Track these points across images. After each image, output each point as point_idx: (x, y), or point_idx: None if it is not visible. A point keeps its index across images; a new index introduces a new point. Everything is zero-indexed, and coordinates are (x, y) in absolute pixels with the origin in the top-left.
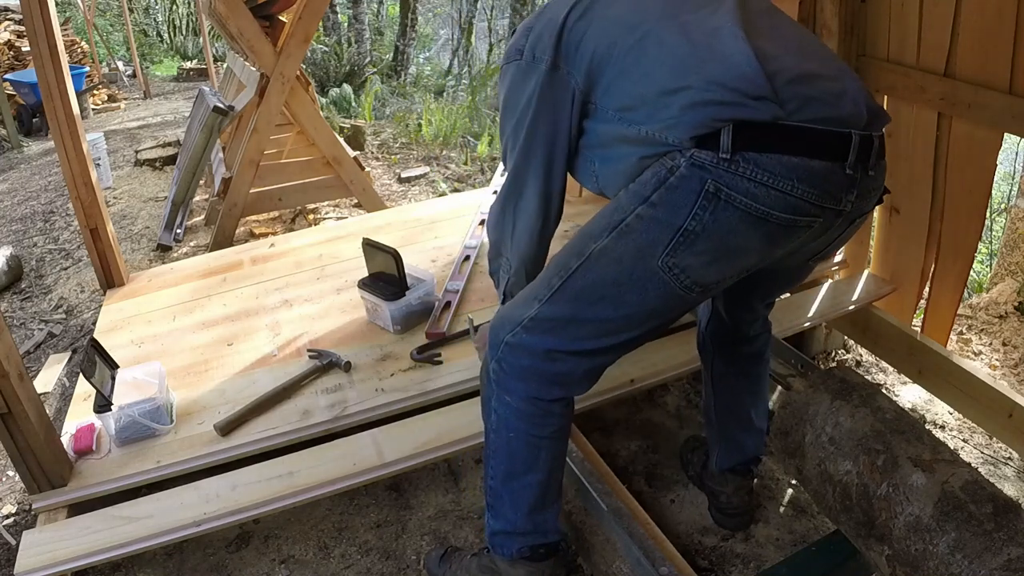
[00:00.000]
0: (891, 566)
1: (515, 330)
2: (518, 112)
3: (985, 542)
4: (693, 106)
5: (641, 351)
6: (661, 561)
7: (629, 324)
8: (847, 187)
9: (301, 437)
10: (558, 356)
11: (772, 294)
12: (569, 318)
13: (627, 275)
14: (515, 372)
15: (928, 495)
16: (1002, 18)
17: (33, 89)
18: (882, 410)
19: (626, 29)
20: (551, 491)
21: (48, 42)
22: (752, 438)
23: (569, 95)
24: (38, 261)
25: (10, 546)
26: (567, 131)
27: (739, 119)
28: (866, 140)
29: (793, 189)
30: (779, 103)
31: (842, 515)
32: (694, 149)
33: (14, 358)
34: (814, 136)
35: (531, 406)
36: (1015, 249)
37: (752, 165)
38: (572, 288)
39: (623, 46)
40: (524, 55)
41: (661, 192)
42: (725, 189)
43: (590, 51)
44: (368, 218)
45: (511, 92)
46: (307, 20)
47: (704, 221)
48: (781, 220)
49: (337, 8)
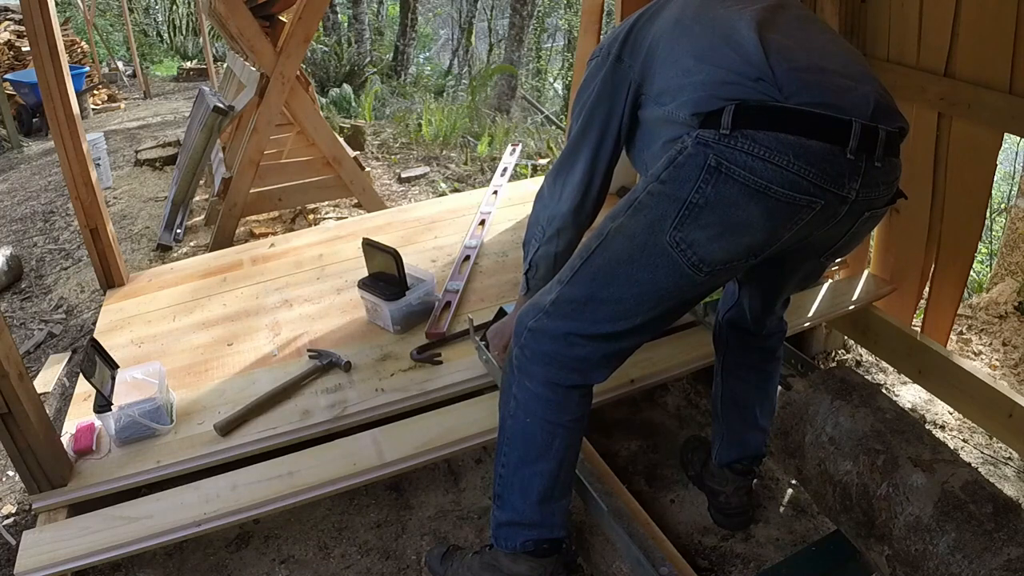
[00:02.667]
0: (891, 566)
1: (538, 316)
2: (584, 96)
3: (985, 542)
4: (703, 85)
5: (641, 351)
6: (661, 561)
7: (641, 305)
8: (849, 172)
9: (301, 437)
10: (576, 340)
11: (787, 291)
12: (586, 299)
13: (639, 251)
14: (536, 357)
15: (928, 495)
16: (1002, 18)
17: (33, 89)
18: (882, 410)
19: (671, 25)
20: (561, 483)
21: (48, 42)
22: (755, 436)
23: (626, 85)
24: (38, 261)
25: (10, 546)
26: (620, 116)
27: (738, 99)
28: (870, 130)
29: (790, 164)
30: (777, 86)
31: (842, 515)
32: (699, 129)
33: (14, 358)
34: (810, 118)
35: (550, 391)
36: (1015, 249)
37: (750, 140)
38: (590, 268)
39: (666, 40)
40: (601, 52)
41: (670, 170)
42: (725, 163)
43: (647, 47)
44: (368, 218)
45: (585, 80)
46: (307, 20)
47: (707, 194)
48: (780, 196)
49: (337, 8)
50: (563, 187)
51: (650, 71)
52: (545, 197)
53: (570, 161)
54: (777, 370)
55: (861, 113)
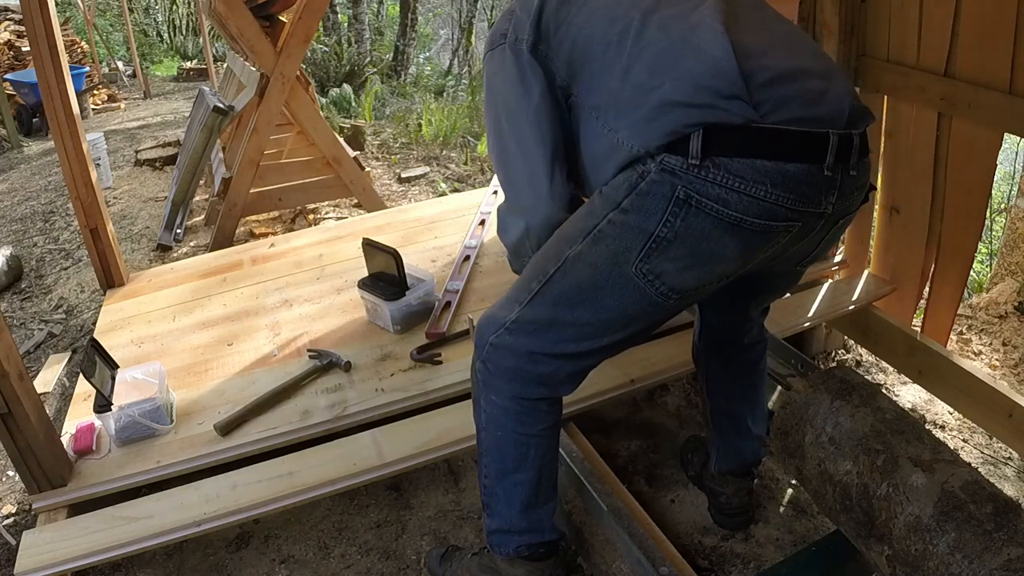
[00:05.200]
0: (891, 566)
1: (498, 331)
2: (497, 98)
3: (985, 542)
4: (663, 106)
5: (641, 351)
6: (661, 561)
7: (609, 328)
8: (826, 189)
9: (301, 437)
10: (540, 358)
11: (764, 300)
12: (549, 321)
13: (604, 280)
14: (500, 372)
15: (928, 495)
16: (1002, 18)
17: (33, 89)
18: (882, 410)
19: (608, 22)
20: (544, 488)
21: (48, 42)
22: (749, 444)
23: (550, 79)
24: (38, 261)
25: (10, 546)
26: (549, 108)
27: (710, 122)
28: (846, 139)
29: (767, 195)
30: (753, 104)
31: (842, 515)
32: (664, 154)
33: (14, 358)
34: (789, 138)
35: (517, 404)
36: (1015, 249)
37: (723, 171)
38: (550, 292)
39: (602, 41)
40: (508, 37)
41: (633, 198)
42: (696, 195)
43: (570, 40)
44: (368, 218)
45: (496, 76)
46: (307, 20)
47: (676, 228)
48: (755, 226)
49: (337, 8)
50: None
51: (581, 74)
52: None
53: (507, 175)
54: (763, 380)
55: (837, 122)
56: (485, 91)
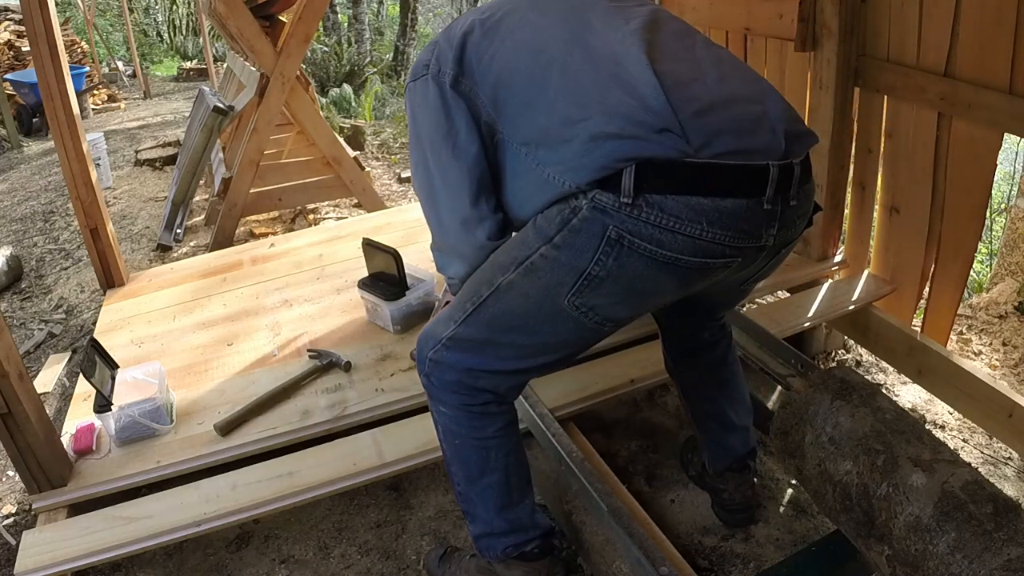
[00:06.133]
0: (891, 566)
1: (436, 347)
2: (425, 126)
3: (985, 542)
4: (594, 139)
5: (641, 351)
6: (661, 561)
7: (546, 350)
8: (766, 223)
9: (301, 437)
10: (479, 374)
11: (712, 315)
12: (485, 341)
13: (536, 309)
14: (443, 385)
15: (928, 495)
16: (1002, 18)
17: (33, 89)
18: (882, 410)
19: (531, 55)
20: (515, 487)
21: (48, 42)
22: (736, 437)
23: (475, 111)
24: (38, 261)
25: (10, 546)
26: (474, 141)
27: (642, 157)
28: (786, 169)
29: (703, 233)
30: (685, 137)
31: (842, 515)
32: (596, 190)
33: (14, 358)
34: (726, 173)
35: (466, 412)
36: (1015, 249)
37: (656, 209)
38: (484, 315)
39: (527, 74)
40: (430, 68)
41: (564, 234)
42: (628, 236)
43: (494, 74)
44: (368, 218)
45: (419, 107)
46: (307, 20)
47: (608, 267)
48: (692, 264)
49: (337, 8)
50: (451, 246)
51: (505, 109)
52: (448, 267)
53: (445, 209)
54: (736, 371)
55: (775, 151)
56: (409, 124)
